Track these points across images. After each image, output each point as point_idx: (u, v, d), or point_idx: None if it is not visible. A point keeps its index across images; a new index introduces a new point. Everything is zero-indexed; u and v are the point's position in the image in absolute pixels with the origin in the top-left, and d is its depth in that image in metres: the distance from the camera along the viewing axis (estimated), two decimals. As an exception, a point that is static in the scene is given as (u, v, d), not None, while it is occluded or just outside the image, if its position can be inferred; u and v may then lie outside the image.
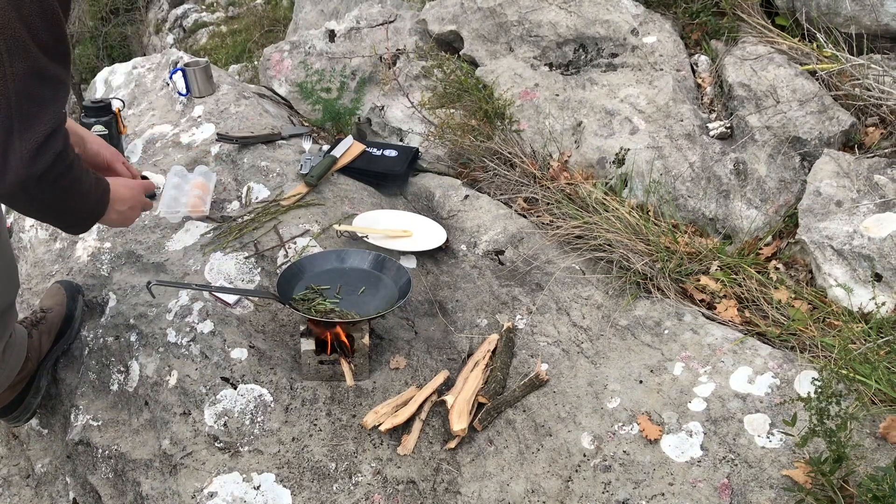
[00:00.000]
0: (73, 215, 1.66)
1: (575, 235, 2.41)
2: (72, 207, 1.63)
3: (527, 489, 1.74)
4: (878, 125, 2.40)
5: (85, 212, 1.68)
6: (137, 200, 1.90)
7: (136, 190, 1.91)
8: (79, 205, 1.64)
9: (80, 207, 1.65)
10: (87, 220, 1.72)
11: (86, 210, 1.68)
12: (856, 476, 1.55)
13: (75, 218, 1.68)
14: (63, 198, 1.57)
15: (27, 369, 1.98)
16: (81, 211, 1.67)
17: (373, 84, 3.44)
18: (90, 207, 1.69)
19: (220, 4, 7.95)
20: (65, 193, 1.56)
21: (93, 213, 1.71)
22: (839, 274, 2.06)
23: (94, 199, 1.69)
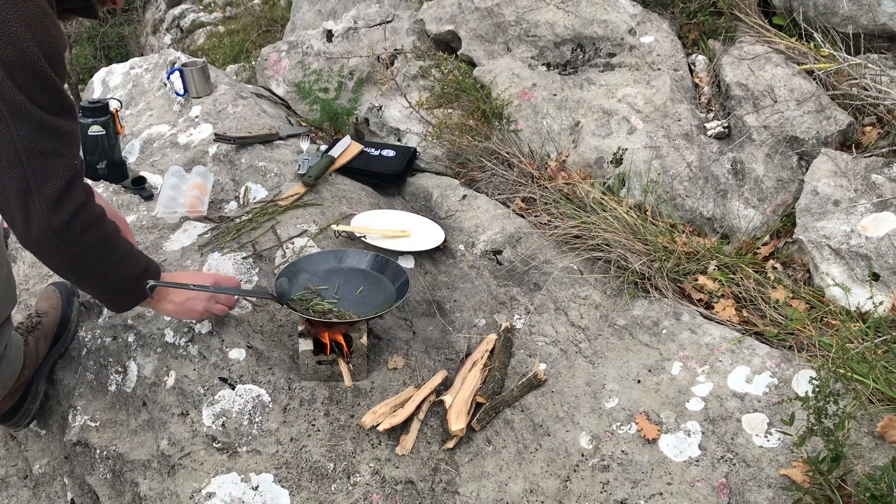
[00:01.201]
0: (108, 280, 1.69)
1: (573, 235, 2.41)
2: (105, 270, 1.66)
3: (525, 489, 1.75)
4: (876, 125, 2.40)
5: (121, 281, 1.71)
6: (199, 295, 1.91)
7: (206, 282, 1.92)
8: (112, 269, 1.67)
9: (113, 272, 1.68)
10: (126, 293, 1.76)
11: (121, 279, 1.71)
12: (854, 475, 1.56)
13: (111, 284, 1.71)
14: (93, 256, 1.61)
15: (24, 377, 1.97)
16: (116, 278, 1.70)
17: (370, 84, 3.44)
18: (127, 277, 1.72)
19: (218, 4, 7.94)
20: (94, 250, 1.60)
21: (133, 287, 1.75)
22: (837, 273, 2.07)
23: (133, 271, 1.73)
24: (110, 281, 1.70)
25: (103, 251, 1.63)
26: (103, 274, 1.67)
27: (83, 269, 1.64)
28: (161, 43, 7.86)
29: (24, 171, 1.44)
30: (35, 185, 1.45)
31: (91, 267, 1.64)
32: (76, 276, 1.68)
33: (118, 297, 1.77)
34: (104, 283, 1.70)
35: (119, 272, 1.70)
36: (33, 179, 1.45)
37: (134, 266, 1.74)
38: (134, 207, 2.54)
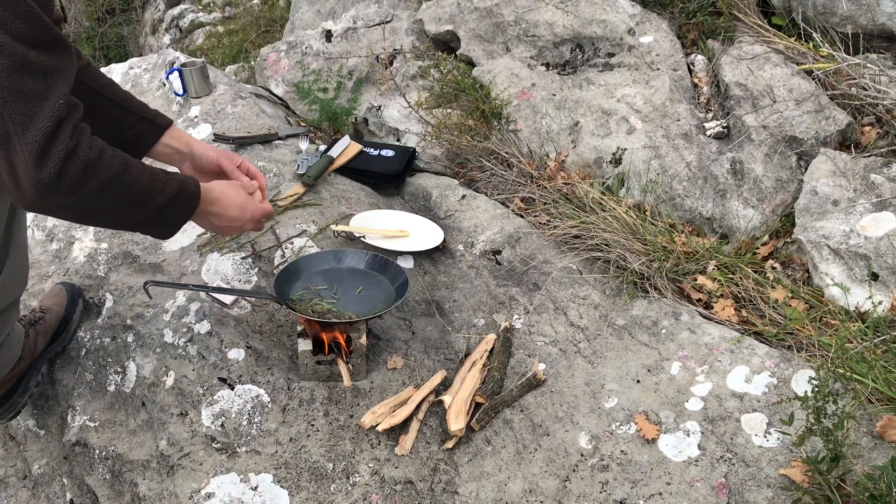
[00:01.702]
0: (133, 216, 1.52)
1: (572, 235, 2.41)
2: (122, 208, 1.48)
3: (524, 489, 1.74)
4: (875, 124, 2.40)
5: (149, 212, 1.52)
6: (243, 225, 1.79)
7: (247, 212, 1.79)
8: (134, 203, 1.48)
9: (137, 206, 1.50)
10: (164, 223, 1.59)
11: (150, 209, 1.52)
12: (853, 475, 1.56)
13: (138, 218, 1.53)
14: (101, 200, 1.42)
15: (19, 368, 1.97)
16: (142, 210, 1.51)
17: (370, 84, 3.44)
18: (156, 206, 1.53)
19: (217, 4, 7.94)
20: (100, 195, 1.40)
21: (169, 213, 1.57)
22: (836, 273, 2.07)
23: (163, 200, 1.53)
24: (136, 215, 1.52)
25: (114, 193, 1.43)
26: (124, 212, 1.49)
27: (95, 214, 1.47)
28: (160, 43, 7.85)
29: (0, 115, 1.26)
30: (15, 131, 1.27)
31: (105, 209, 1.46)
32: (91, 222, 1.54)
33: (154, 226, 1.59)
34: (129, 219, 1.53)
35: (145, 204, 1.50)
36: (12, 124, 1.26)
37: (161, 193, 1.53)
38: (133, 207, 2.54)
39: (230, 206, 1.75)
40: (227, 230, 1.79)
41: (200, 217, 1.69)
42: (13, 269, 1.75)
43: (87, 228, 2.48)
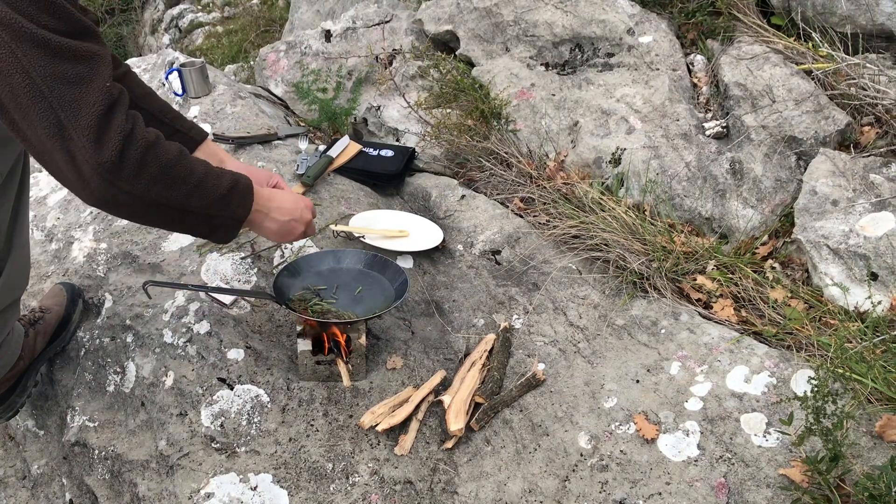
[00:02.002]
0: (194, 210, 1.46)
1: (571, 235, 2.41)
2: (183, 199, 1.42)
3: (524, 489, 1.74)
4: (874, 124, 2.40)
5: (208, 205, 1.47)
6: (303, 215, 1.74)
7: (301, 203, 1.75)
8: (192, 194, 1.43)
9: (196, 198, 1.44)
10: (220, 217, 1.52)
11: (208, 203, 1.47)
12: (852, 475, 1.56)
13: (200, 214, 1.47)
14: (163, 188, 1.37)
15: (18, 367, 1.97)
16: (202, 203, 1.46)
17: (369, 84, 3.44)
18: (213, 199, 1.47)
19: (216, 4, 7.94)
20: (162, 181, 1.36)
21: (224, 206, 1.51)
22: (835, 273, 2.07)
23: (219, 191, 1.48)
24: (195, 210, 1.46)
25: (174, 179, 1.38)
26: (185, 205, 1.43)
27: (160, 208, 1.40)
28: (159, 43, 7.85)
29: (48, 104, 1.22)
30: (67, 119, 1.23)
31: (168, 201, 1.40)
32: (156, 217, 1.44)
33: (214, 224, 1.53)
34: (191, 215, 1.47)
35: (202, 196, 1.45)
36: (63, 112, 1.22)
37: (217, 184, 1.48)
38: (132, 208, 2.54)
39: (284, 199, 1.71)
40: (287, 228, 1.72)
41: (259, 214, 1.63)
42: (15, 269, 1.75)
43: (86, 228, 2.47)
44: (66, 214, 2.58)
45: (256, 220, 1.64)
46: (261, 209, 1.63)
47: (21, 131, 1.28)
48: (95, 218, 2.52)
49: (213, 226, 1.53)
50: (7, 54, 1.19)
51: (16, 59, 1.19)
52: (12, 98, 1.23)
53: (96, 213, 2.54)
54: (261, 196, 1.63)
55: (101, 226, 2.47)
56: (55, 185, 2.76)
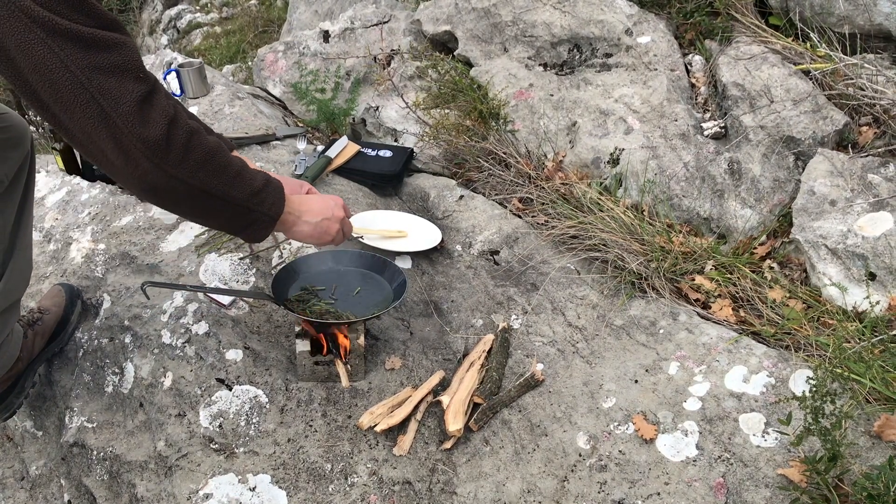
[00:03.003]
0: (233, 201, 1.47)
1: (570, 235, 2.42)
2: (224, 189, 1.44)
3: (523, 489, 1.74)
4: (872, 124, 2.40)
5: (245, 198, 1.49)
6: (335, 214, 1.74)
7: (330, 202, 1.75)
8: (231, 185, 1.45)
9: (235, 188, 1.46)
10: (256, 211, 1.53)
11: (245, 195, 1.48)
12: (851, 475, 1.56)
13: (238, 206, 1.49)
14: (207, 175, 1.39)
15: (17, 368, 1.97)
16: (241, 195, 1.47)
17: (367, 84, 3.44)
18: (250, 192, 1.50)
19: (214, 5, 7.93)
20: (206, 168, 1.39)
21: (260, 201, 1.53)
22: (833, 273, 2.07)
23: (255, 183, 1.51)
24: (235, 201, 1.47)
25: (216, 167, 1.41)
26: (227, 194, 1.44)
27: (204, 196, 1.42)
28: (157, 44, 7.84)
29: (90, 95, 1.24)
30: (110, 107, 1.25)
31: (211, 188, 1.41)
32: (199, 206, 1.45)
33: (251, 218, 1.54)
34: (231, 206, 1.48)
35: (241, 187, 1.47)
36: (104, 100, 1.25)
37: (253, 178, 1.51)
38: (130, 208, 2.54)
39: (312, 202, 1.72)
40: (322, 228, 1.72)
41: (291, 216, 1.64)
42: (17, 271, 1.76)
43: (84, 229, 2.47)
44: (64, 215, 2.58)
45: (289, 222, 1.65)
46: (292, 212, 1.64)
47: (64, 126, 1.29)
48: (94, 219, 2.52)
49: (250, 220, 1.54)
50: (45, 51, 1.21)
51: (54, 54, 1.21)
52: (53, 93, 1.24)
53: (94, 214, 2.53)
54: (291, 200, 1.64)
55: (99, 226, 2.47)
56: (53, 185, 2.75)
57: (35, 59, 1.21)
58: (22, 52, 1.20)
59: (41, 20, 1.20)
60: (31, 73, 1.23)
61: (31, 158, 1.79)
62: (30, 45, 1.20)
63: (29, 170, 1.77)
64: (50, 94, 1.25)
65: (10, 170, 1.68)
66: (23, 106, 6.71)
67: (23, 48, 1.20)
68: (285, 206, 1.61)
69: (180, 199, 1.41)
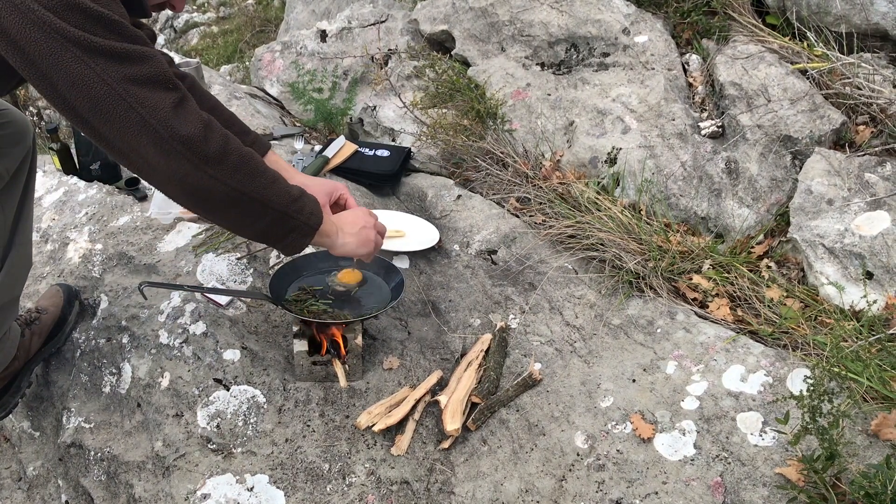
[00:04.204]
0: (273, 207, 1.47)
1: (567, 235, 2.42)
2: (262, 193, 1.44)
3: (521, 489, 1.74)
4: (869, 123, 2.41)
5: (284, 204, 1.49)
6: (367, 220, 1.74)
7: (360, 212, 1.76)
8: (268, 189, 1.46)
9: (273, 193, 1.47)
10: (297, 223, 1.53)
11: (283, 201, 1.49)
12: (848, 473, 1.56)
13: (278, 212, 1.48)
14: (244, 177, 1.41)
15: (13, 368, 1.97)
16: (279, 200, 1.48)
17: (364, 84, 3.43)
18: (291, 200, 1.50)
19: (212, 5, 7.93)
20: (242, 170, 1.40)
21: (303, 208, 1.53)
22: (831, 272, 2.07)
23: (291, 191, 1.51)
24: (275, 206, 1.47)
25: (252, 170, 1.43)
26: (266, 198, 1.45)
27: (244, 198, 1.43)
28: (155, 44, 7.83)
29: (128, 105, 1.29)
30: (148, 114, 1.30)
31: (250, 191, 1.42)
32: (240, 210, 1.45)
33: (290, 226, 1.53)
34: (272, 211, 1.47)
35: (279, 193, 1.48)
36: (143, 108, 1.29)
37: (289, 187, 1.52)
38: (128, 208, 2.54)
39: (345, 215, 1.73)
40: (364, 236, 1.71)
41: (332, 226, 1.64)
42: (15, 266, 1.77)
43: (81, 229, 2.47)
44: (62, 215, 2.58)
45: (331, 233, 1.64)
46: (332, 223, 1.64)
47: (105, 137, 1.33)
48: (91, 219, 2.51)
49: (291, 227, 1.53)
50: (82, 67, 1.25)
51: (91, 70, 1.26)
52: (93, 107, 1.28)
53: (91, 214, 2.53)
54: (328, 213, 1.66)
55: (97, 227, 2.47)
56: (50, 186, 2.75)
57: (72, 75, 1.25)
58: (59, 71, 1.25)
59: (76, 39, 1.24)
60: (68, 90, 1.27)
61: (33, 155, 1.82)
62: (66, 64, 1.24)
63: (30, 166, 1.81)
64: (89, 108, 1.29)
65: (11, 165, 1.71)
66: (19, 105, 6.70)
67: (59, 67, 1.24)
68: (324, 218, 1.60)
69: (221, 203, 1.43)
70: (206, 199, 1.42)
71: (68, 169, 2.75)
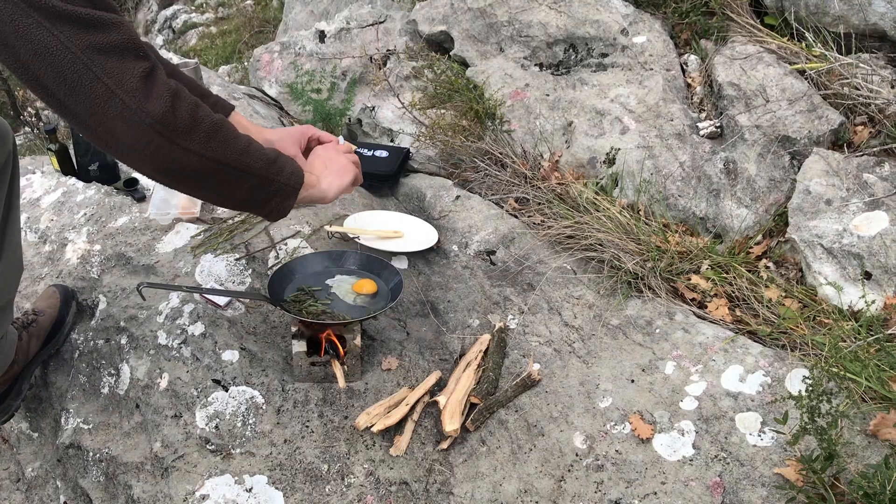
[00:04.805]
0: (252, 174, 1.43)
1: (566, 235, 2.42)
2: (239, 161, 1.40)
3: (519, 489, 1.74)
4: (867, 124, 2.41)
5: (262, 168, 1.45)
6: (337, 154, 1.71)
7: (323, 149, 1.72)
8: (246, 156, 1.41)
9: (251, 160, 1.42)
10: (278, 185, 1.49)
11: (261, 166, 1.44)
12: (847, 473, 1.56)
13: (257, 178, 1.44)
14: (219, 147, 1.36)
15: (12, 371, 1.97)
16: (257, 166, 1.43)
17: (363, 85, 3.43)
18: (269, 163, 1.46)
19: (210, 5, 7.93)
20: (216, 140, 1.35)
21: (280, 174, 1.49)
22: (829, 272, 2.07)
23: (269, 155, 1.47)
24: (253, 170, 1.43)
25: (225, 137, 1.38)
26: (244, 163, 1.41)
27: (221, 168, 1.38)
28: (153, 44, 7.83)
29: (94, 75, 1.22)
30: (115, 85, 1.23)
31: (227, 159, 1.38)
32: (218, 181, 1.41)
33: (272, 189, 1.50)
34: (252, 177, 1.44)
35: (254, 156, 1.44)
36: (109, 79, 1.23)
37: (264, 149, 1.47)
38: (126, 209, 2.53)
39: (314, 158, 1.68)
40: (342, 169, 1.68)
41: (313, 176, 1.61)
42: (5, 273, 1.75)
43: (79, 230, 2.47)
44: (60, 216, 2.58)
45: (312, 183, 1.60)
46: (311, 174, 1.61)
47: (69, 109, 1.27)
48: (89, 219, 2.51)
49: (273, 190, 1.50)
50: (45, 34, 1.19)
51: (54, 37, 1.19)
52: (57, 76, 1.23)
53: (90, 215, 2.53)
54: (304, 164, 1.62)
55: (95, 227, 2.47)
56: (49, 186, 2.75)
57: (35, 43, 1.19)
58: (21, 38, 1.19)
59: (37, 4, 1.18)
60: (32, 58, 1.21)
61: (14, 159, 1.75)
62: (29, 30, 1.19)
63: (13, 171, 1.74)
64: (53, 77, 1.23)
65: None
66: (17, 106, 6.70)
67: (22, 34, 1.19)
68: (305, 171, 1.57)
69: (197, 175, 1.38)
70: (180, 173, 1.36)
71: (66, 170, 2.74)
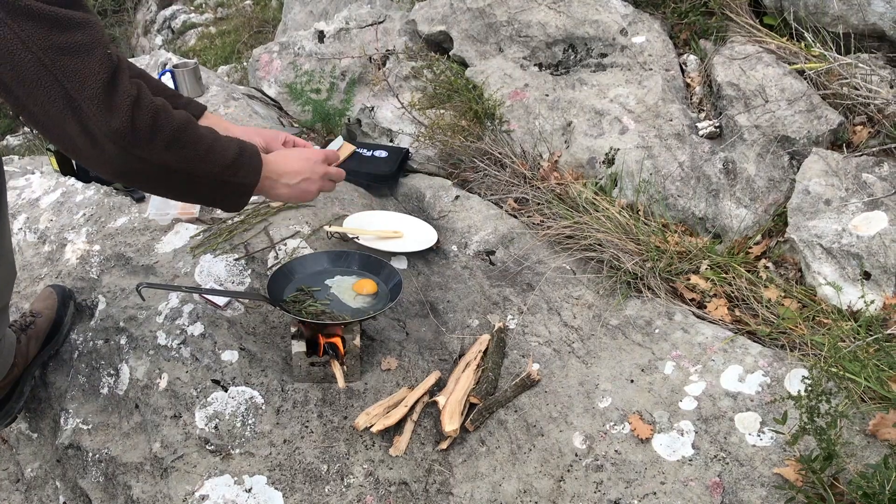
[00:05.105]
0: (207, 176, 1.44)
1: (565, 235, 2.42)
2: (196, 165, 1.41)
3: (519, 489, 1.74)
4: (866, 124, 2.41)
5: (221, 170, 1.45)
6: (314, 171, 1.69)
7: (312, 160, 1.70)
8: (204, 159, 1.42)
9: (209, 163, 1.43)
10: (232, 186, 1.50)
11: (219, 168, 1.45)
12: (846, 473, 1.56)
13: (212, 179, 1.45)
14: (178, 153, 1.36)
15: (13, 375, 1.96)
16: (214, 168, 1.44)
17: (362, 85, 3.43)
18: (225, 167, 1.46)
19: (209, 5, 7.92)
20: (175, 146, 1.35)
21: (241, 168, 1.50)
22: (828, 272, 2.07)
23: (228, 158, 1.47)
24: (210, 176, 1.44)
25: (184, 144, 1.38)
26: (197, 170, 1.42)
27: (174, 174, 1.39)
28: (152, 44, 7.83)
29: (54, 77, 1.20)
30: (74, 89, 1.21)
31: (181, 167, 1.39)
32: (170, 184, 1.42)
33: (225, 191, 1.50)
34: (203, 180, 1.45)
35: (213, 161, 1.44)
36: (68, 83, 1.21)
37: (225, 150, 1.47)
38: (125, 209, 2.53)
39: (290, 162, 1.67)
40: (301, 188, 1.68)
41: (269, 181, 1.60)
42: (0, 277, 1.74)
43: (79, 230, 2.47)
44: (59, 216, 2.58)
45: (266, 186, 1.61)
46: (269, 175, 1.60)
47: (27, 109, 1.26)
48: (88, 220, 2.51)
49: (225, 193, 1.51)
50: (5, 31, 1.16)
51: (14, 35, 1.17)
52: (16, 76, 1.21)
53: (89, 215, 2.53)
54: (268, 162, 1.61)
55: (94, 228, 2.47)
56: (48, 187, 2.75)
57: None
58: None
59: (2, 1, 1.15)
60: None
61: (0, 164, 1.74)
62: None
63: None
64: (12, 76, 1.21)
65: None
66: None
67: None
68: (263, 170, 1.57)
69: (151, 179, 1.38)
70: (134, 178, 1.37)
71: (66, 170, 2.73)
